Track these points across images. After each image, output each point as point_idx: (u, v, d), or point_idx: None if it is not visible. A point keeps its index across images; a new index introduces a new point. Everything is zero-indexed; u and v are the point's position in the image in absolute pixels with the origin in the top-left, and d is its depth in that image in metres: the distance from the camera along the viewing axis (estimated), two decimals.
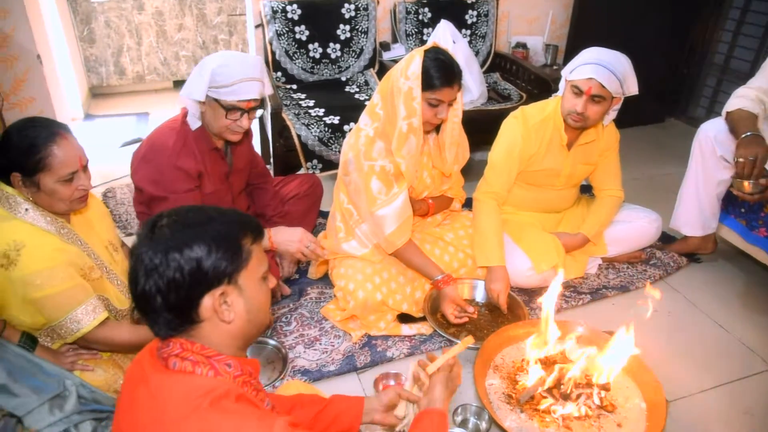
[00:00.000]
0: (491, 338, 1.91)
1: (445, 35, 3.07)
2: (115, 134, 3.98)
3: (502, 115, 2.34)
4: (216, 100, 1.84)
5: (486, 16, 3.55)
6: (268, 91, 1.99)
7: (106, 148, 3.77)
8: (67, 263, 1.52)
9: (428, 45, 1.91)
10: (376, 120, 1.98)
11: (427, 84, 1.84)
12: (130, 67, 4.78)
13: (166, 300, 0.91)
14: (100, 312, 1.58)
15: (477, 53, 3.53)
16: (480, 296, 2.21)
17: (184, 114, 1.92)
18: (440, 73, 1.84)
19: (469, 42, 3.50)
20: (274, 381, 1.86)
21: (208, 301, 0.93)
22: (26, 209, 1.50)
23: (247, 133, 2.03)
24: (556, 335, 1.78)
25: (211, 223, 0.95)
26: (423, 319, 2.12)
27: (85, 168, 1.57)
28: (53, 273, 1.48)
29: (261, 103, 1.92)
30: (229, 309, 0.96)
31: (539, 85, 3.23)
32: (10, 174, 1.47)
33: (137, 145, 2.01)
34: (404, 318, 2.14)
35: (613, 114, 2.18)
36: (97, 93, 4.88)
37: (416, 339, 2.08)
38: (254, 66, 1.86)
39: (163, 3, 4.62)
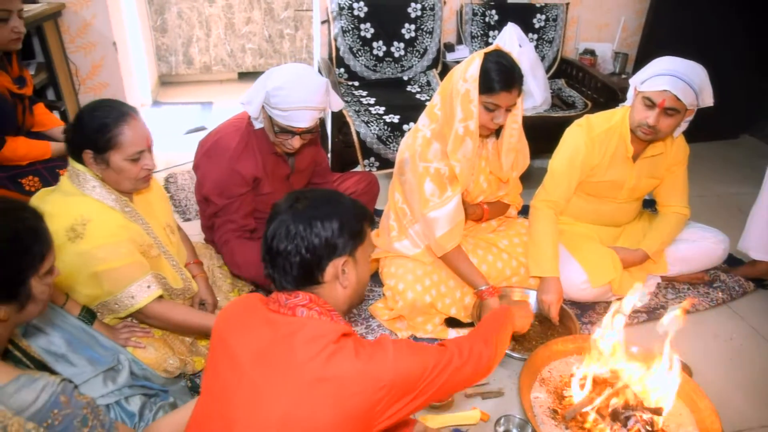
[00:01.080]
0: (539, 350, 1.86)
1: (511, 38, 3.02)
2: (180, 122, 4.11)
3: (566, 122, 2.28)
4: (270, 117, 1.86)
5: (554, 20, 3.48)
6: (336, 107, 1.96)
7: (170, 135, 3.89)
8: (129, 239, 1.58)
9: (490, 48, 1.87)
10: (434, 121, 1.96)
11: (485, 87, 1.81)
12: (197, 58, 4.93)
13: (302, 259, 1.12)
14: (154, 289, 1.63)
15: (543, 58, 3.46)
16: (531, 306, 2.16)
17: None
18: (499, 76, 1.80)
19: (536, 46, 3.44)
20: None
21: (331, 268, 1.14)
22: (94, 186, 1.57)
23: (314, 137, 2.03)
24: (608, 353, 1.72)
25: (343, 204, 1.18)
26: (471, 324, 2.09)
27: (150, 149, 1.62)
28: (116, 248, 1.54)
29: (315, 126, 1.90)
30: (346, 277, 1.16)
31: (606, 93, 3.13)
32: (82, 152, 1.54)
33: (200, 133, 2.07)
34: (452, 322, 2.12)
35: (684, 125, 2.09)
36: (165, 81, 5.05)
37: None
38: (315, 92, 1.82)
39: None
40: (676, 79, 1.89)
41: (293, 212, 1.13)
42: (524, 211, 2.35)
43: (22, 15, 2.10)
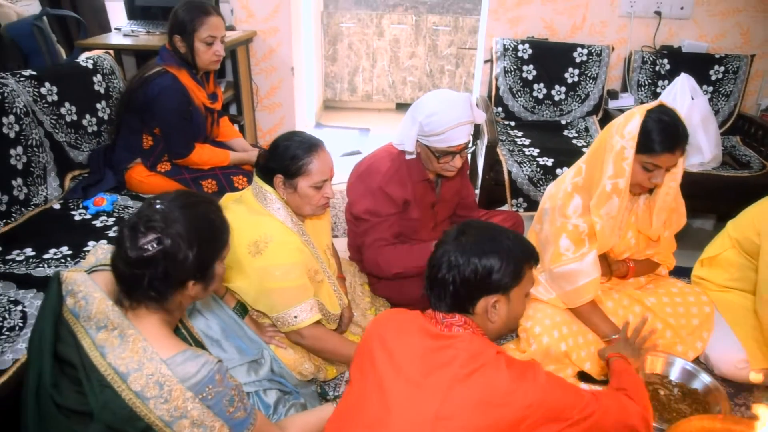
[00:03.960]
0: (681, 425, 1.71)
1: (683, 90, 2.87)
2: (338, 144, 4.37)
3: (736, 182, 2.11)
4: (427, 147, 1.92)
5: (735, 73, 3.24)
6: (480, 120, 1.98)
7: None
8: (302, 263, 1.71)
9: (654, 104, 1.78)
10: (577, 174, 1.91)
11: (645, 147, 1.72)
12: (361, 86, 5.24)
13: (456, 290, 1.20)
14: (315, 312, 1.74)
15: (716, 112, 3.23)
16: (675, 375, 2.00)
17: None
18: (661, 137, 1.70)
19: (710, 99, 3.22)
20: None
21: (483, 303, 1.21)
22: (278, 208, 1.73)
23: (462, 166, 2.08)
24: None
25: (507, 243, 1.21)
26: (604, 382, 1.98)
27: (331, 179, 1.77)
28: (291, 269, 1.68)
29: (472, 140, 1.96)
30: (496, 312, 1.21)
31: None
32: (274, 175, 1.71)
33: (356, 156, 2.21)
34: (585, 376, 2.02)
35: None
36: (328, 105, 5.43)
37: None
38: (463, 109, 1.88)
39: (401, 31, 5.00)
40: None
41: (457, 244, 1.21)
42: (676, 272, 2.19)
43: (224, 40, 2.40)
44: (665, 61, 3.26)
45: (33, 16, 2.92)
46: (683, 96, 2.84)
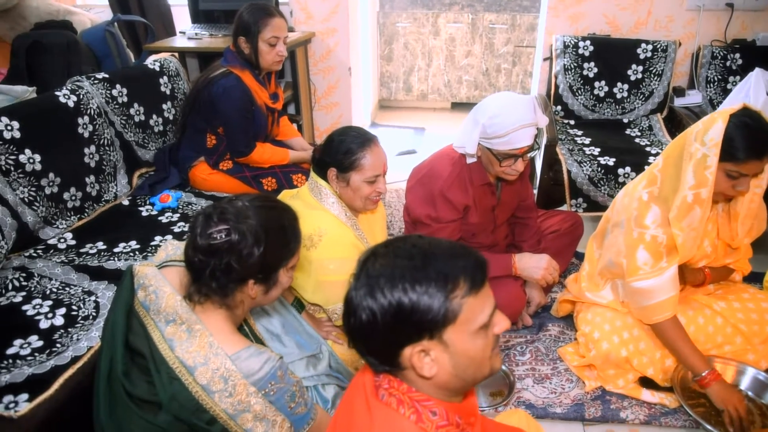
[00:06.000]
0: None
1: (757, 85, 2.73)
2: (393, 144, 4.38)
3: None
4: (489, 149, 1.89)
5: None
6: (543, 123, 1.93)
7: None
8: (356, 258, 1.72)
9: (736, 107, 1.65)
10: (652, 183, 1.81)
11: (729, 154, 1.61)
12: (416, 86, 5.23)
13: (365, 341, 0.90)
14: None
15: None
16: (745, 384, 1.91)
17: None
18: (747, 143, 1.59)
19: None
20: (497, 405, 1.87)
21: (407, 353, 0.87)
22: (333, 202, 1.76)
23: (527, 165, 2.04)
24: None
25: (419, 270, 0.86)
26: (668, 389, 1.92)
27: (384, 174, 1.78)
28: (344, 263, 1.70)
29: (535, 142, 1.91)
30: (431, 364, 0.88)
31: None
32: (327, 169, 1.74)
33: (411, 156, 2.19)
34: (647, 382, 1.96)
35: None
36: (384, 105, 5.45)
37: (656, 408, 1.89)
38: (526, 110, 1.83)
39: (456, 30, 4.97)
40: None
41: (358, 279, 0.90)
42: (747, 278, 2.09)
43: (286, 41, 2.45)
44: (737, 55, 3.12)
45: (105, 22, 3.07)
46: (758, 91, 2.71)
